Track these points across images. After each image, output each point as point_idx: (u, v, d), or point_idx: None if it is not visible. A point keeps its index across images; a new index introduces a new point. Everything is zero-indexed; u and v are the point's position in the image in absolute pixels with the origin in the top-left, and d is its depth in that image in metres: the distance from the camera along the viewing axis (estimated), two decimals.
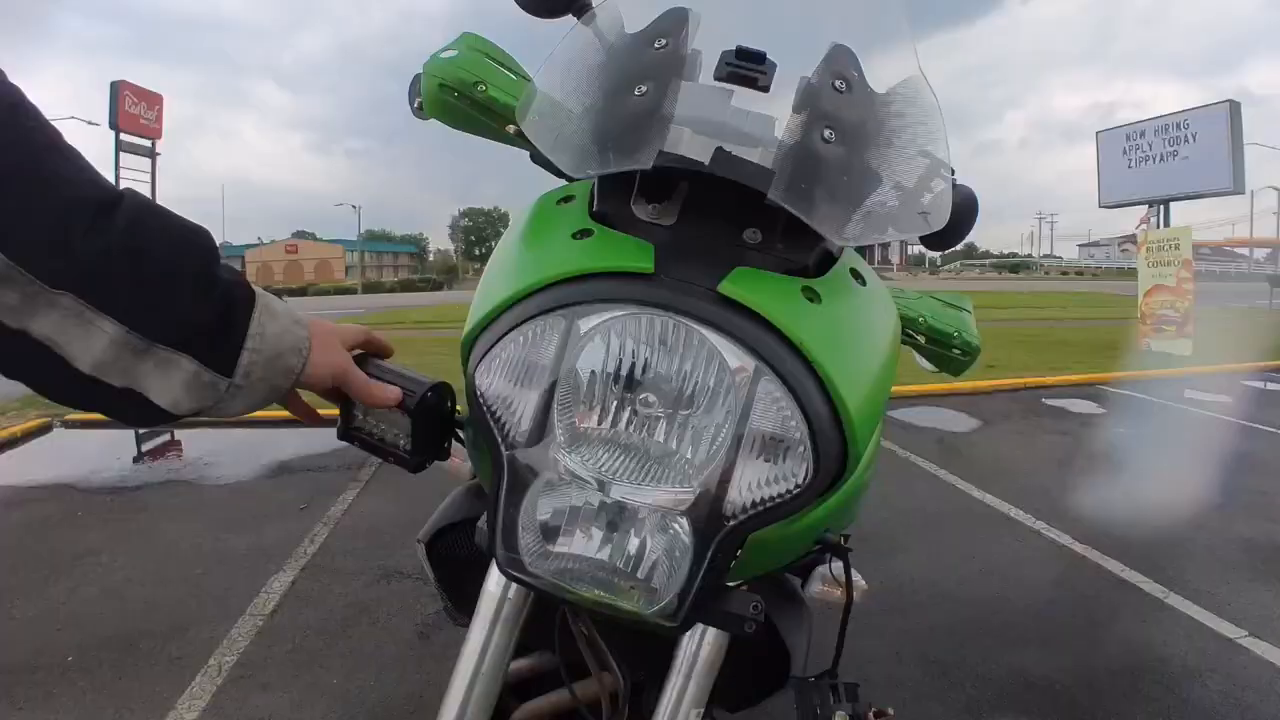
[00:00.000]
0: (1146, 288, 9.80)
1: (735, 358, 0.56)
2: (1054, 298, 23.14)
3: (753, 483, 0.56)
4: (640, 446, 0.58)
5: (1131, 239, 10.44)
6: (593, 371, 0.57)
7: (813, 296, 0.62)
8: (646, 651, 0.83)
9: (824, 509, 0.67)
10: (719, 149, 0.63)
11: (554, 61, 0.71)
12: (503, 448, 0.59)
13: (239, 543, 3.10)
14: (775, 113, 0.72)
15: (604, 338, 0.57)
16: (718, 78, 0.67)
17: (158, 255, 0.52)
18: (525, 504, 0.59)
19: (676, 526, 0.58)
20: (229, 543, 3.10)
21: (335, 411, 0.72)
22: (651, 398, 0.57)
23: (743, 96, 0.70)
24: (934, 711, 1.96)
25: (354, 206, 61.71)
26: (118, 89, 13.63)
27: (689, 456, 0.57)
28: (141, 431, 5.01)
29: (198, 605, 2.52)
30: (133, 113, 13.98)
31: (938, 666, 2.17)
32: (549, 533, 0.59)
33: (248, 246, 69.43)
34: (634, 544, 0.58)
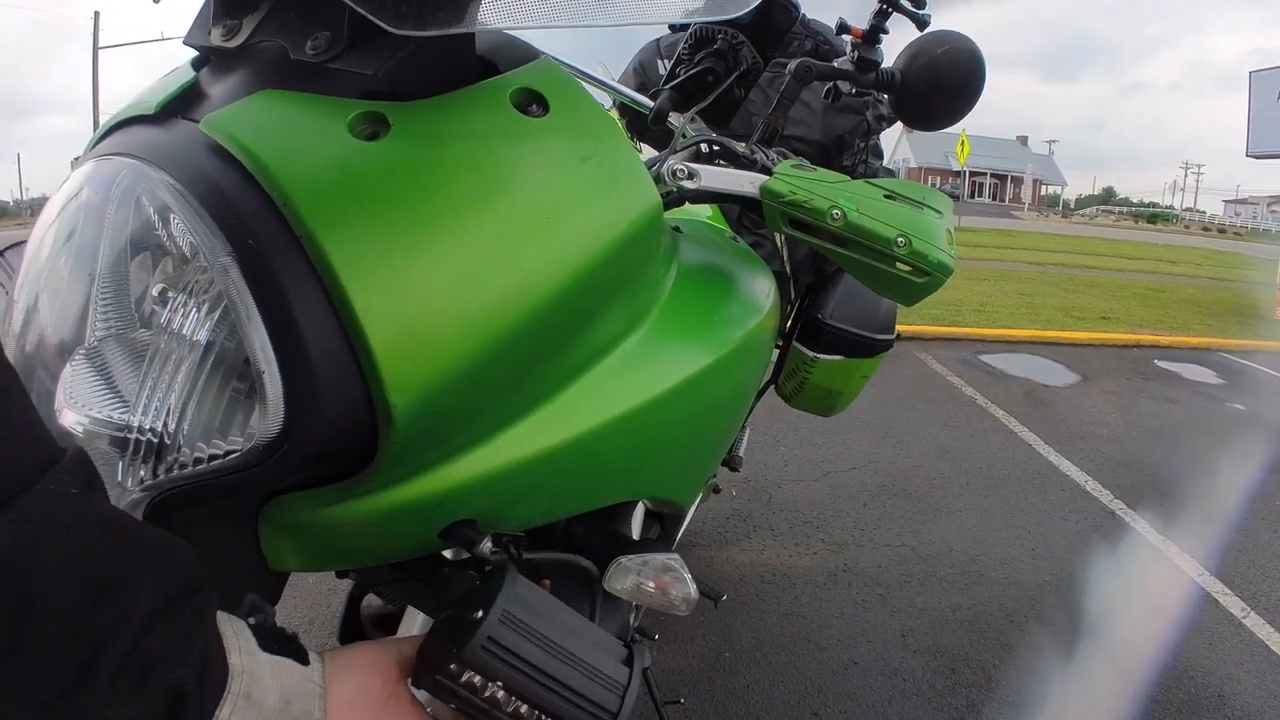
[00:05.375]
0: None
1: (199, 229, 0.38)
2: (1189, 252, 20.83)
3: (206, 426, 0.39)
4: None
5: None
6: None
7: (373, 129, 0.43)
8: None
9: (436, 483, 0.45)
10: None
11: None
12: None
13: None
14: None
15: (79, 206, 0.43)
16: None
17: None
18: None
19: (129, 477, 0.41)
20: None
21: None
22: (160, 286, 0.41)
23: None
24: (922, 715, 1.60)
25: None
26: None
27: (157, 374, 0.40)
28: None
29: None
30: None
31: (944, 660, 1.78)
32: None
33: None
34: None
